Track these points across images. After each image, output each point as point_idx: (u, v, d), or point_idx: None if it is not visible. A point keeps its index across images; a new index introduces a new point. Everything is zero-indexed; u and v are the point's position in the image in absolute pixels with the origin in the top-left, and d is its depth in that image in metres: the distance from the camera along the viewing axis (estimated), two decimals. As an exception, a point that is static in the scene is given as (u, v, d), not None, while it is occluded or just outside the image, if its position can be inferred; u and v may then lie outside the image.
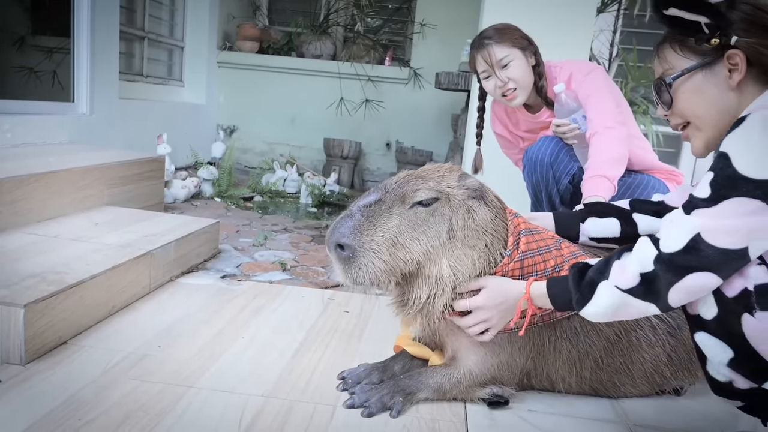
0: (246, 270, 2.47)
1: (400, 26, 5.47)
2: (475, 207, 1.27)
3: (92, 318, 1.67)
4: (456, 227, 1.25)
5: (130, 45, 4.23)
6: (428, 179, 1.27)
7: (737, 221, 0.90)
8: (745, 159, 0.91)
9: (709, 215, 0.93)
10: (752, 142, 0.91)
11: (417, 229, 1.22)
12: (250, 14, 5.48)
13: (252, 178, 4.46)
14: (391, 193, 1.24)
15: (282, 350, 1.56)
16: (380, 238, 1.19)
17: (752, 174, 0.89)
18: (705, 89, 1.07)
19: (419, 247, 1.21)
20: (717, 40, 1.03)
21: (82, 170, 2.46)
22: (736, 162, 0.91)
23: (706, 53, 1.06)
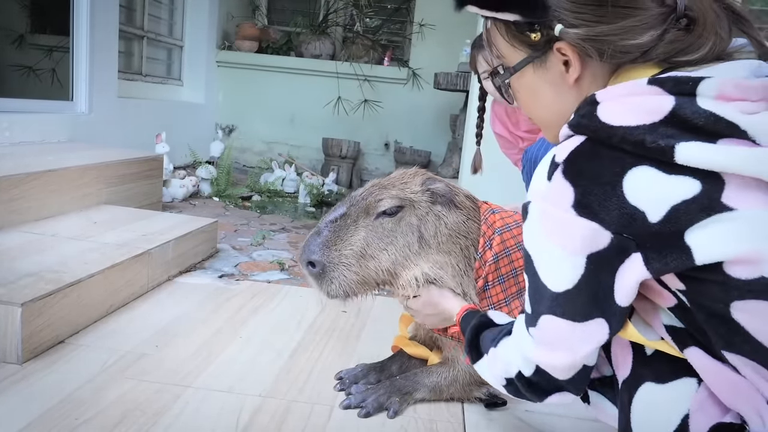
0: (244, 269, 2.47)
1: (398, 26, 5.47)
2: (444, 212, 1.25)
3: (90, 317, 1.67)
4: (427, 235, 1.23)
5: (129, 44, 4.23)
6: (391, 187, 1.25)
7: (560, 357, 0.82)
8: (541, 263, 0.80)
9: (540, 340, 0.84)
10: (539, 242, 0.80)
11: (384, 240, 1.21)
12: (249, 14, 5.48)
13: (250, 177, 4.46)
14: (355, 206, 1.24)
15: (279, 350, 1.56)
16: (348, 251, 1.19)
17: (549, 284, 0.80)
18: (539, 88, 0.89)
19: (388, 256, 1.21)
20: (537, 34, 0.84)
21: (81, 169, 2.46)
22: (537, 265, 0.81)
23: (535, 45, 0.86)
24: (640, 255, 0.73)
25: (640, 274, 0.74)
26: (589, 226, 0.74)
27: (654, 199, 0.71)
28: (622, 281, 0.76)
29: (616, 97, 0.76)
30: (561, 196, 0.76)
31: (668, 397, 0.79)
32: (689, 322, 0.78)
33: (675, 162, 0.69)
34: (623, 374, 0.85)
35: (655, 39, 0.79)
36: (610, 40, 0.79)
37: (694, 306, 0.75)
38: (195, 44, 4.89)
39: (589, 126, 0.76)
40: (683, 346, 0.79)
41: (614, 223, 0.73)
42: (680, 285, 0.74)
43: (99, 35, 3.40)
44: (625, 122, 0.72)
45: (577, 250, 0.76)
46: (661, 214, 0.70)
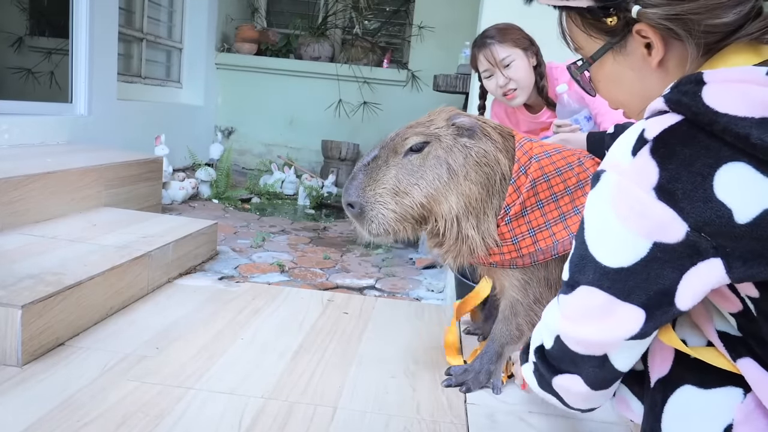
0: (244, 271, 2.46)
1: (398, 29, 5.47)
2: (470, 143, 1.29)
3: (90, 319, 1.66)
4: (455, 165, 1.28)
5: (129, 46, 4.22)
6: (418, 126, 1.32)
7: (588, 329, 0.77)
8: (595, 235, 0.76)
9: (567, 310, 0.80)
10: (602, 215, 0.75)
11: (414, 175, 1.27)
12: (248, 16, 5.47)
13: (250, 179, 4.46)
14: (385, 147, 1.30)
15: (281, 352, 1.55)
16: (382, 190, 1.26)
17: (600, 256, 0.75)
18: (621, 75, 0.85)
19: (420, 191, 1.26)
20: (614, 18, 0.80)
21: (80, 171, 2.45)
22: (588, 236, 0.77)
23: (613, 31, 0.82)
24: (722, 262, 0.68)
25: (719, 280, 0.69)
26: (666, 213, 0.68)
27: (746, 199, 0.65)
28: (690, 284, 0.70)
29: (728, 81, 0.69)
30: (644, 175, 0.70)
31: (710, 404, 0.75)
32: (749, 331, 0.73)
33: None
34: (660, 372, 0.81)
35: (743, 17, 0.74)
36: (693, 18, 0.74)
37: (761, 315, 0.70)
38: (194, 46, 4.88)
39: (691, 106, 0.69)
40: (736, 356, 0.75)
41: (694, 217, 0.67)
42: (754, 292, 0.70)
43: (98, 37, 3.39)
44: (733, 111, 0.66)
45: (644, 234, 0.70)
46: (751, 216, 0.65)
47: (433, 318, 1.87)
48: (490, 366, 1.44)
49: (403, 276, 2.63)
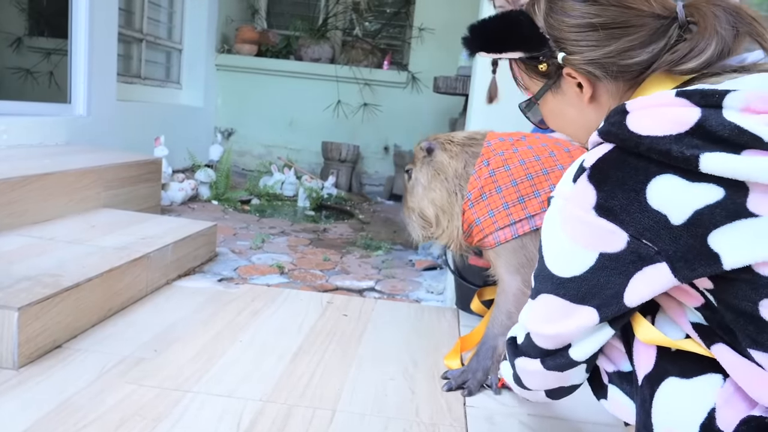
0: (243, 273, 2.45)
1: (398, 30, 5.47)
2: (428, 160, 1.60)
3: (87, 321, 1.65)
4: (423, 180, 1.61)
5: (128, 47, 4.21)
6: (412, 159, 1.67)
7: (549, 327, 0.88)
8: (550, 252, 0.86)
9: (532, 315, 0.91)
10: (553, 234, 0.85)
11: (411, 196, 1.64)
12: (248, 17, 5.47)
13: (249, 181, 4.45)
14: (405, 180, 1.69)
15: (280, 354, 1.54)
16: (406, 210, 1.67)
17: (554, 270, 0.85)
18: (562, 110, 0.97)
19: (415, 204, 1.63)
20: (544, 65, 0.93)
21: (79, 172, 2.44)
22: (545, 253, 0.87)
23: (548, 74, 0.94)
24: (666, 265, 0.75)
25: (668, 282, 0.76)
26: (606, 227, 0.77)
27: (677, 204, 0.73)
28: (636, 286, 0.79)
29: (645, 107, 0.78)
30: (584, 198, 0.80)
31: (693, 392, 0.80)
32: (715, 321, 0.79)
33: (699, 171, 0.71)
34: (646, 369, 0.86)
35: (656, 54, 0.84)
36: (609, 62, 0.86)
37: (721, 305, 0.76)
38: (194, 47, 4.88)
39: (618, 134, 0.78)
40: (710, 343, 0.80)
41: (634, 226, 0.76)
42: (709, 284, 0.76)
43: (98, 38, 3.39)
44: (653, 132, 0.75)
45: (590, 247, 0.80)
46: (684, 218, 0.73)
47: (432, 320, 1.86)
48: (487, 362, 1.48)
49: (402, 278, 2.62)
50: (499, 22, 0.96)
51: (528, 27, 0.93)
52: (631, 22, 0.85)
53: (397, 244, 3.30)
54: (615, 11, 0.86)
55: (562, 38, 0.89)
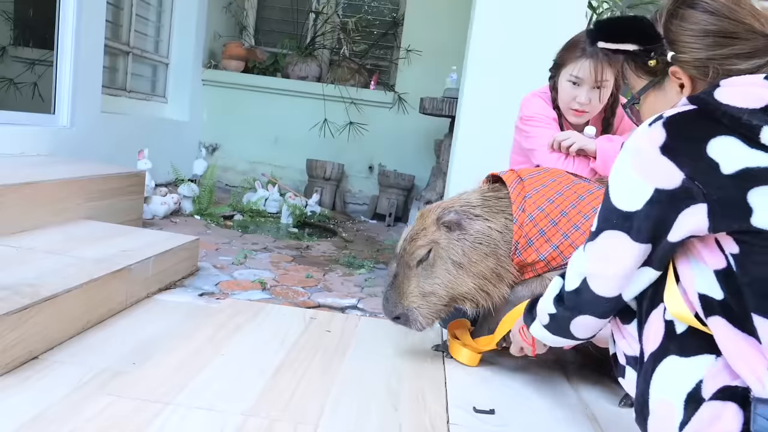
0: (225, 288, 2.43)
1: (385, 51, 5.53)
2: (461, 234, 1.52)
3: (65, 332, 1.62)
4: (457, 258, 1.51)
5: (115, 59, 4.20)
6: (417, 238, 1.56)
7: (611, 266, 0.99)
8: (616, 188, 0.98)
9: (594, 255, 1.02)
10: (621, 170, 0.97)
11: (430, 278, 1.52)
12: (236, 34, 5.50)
13: (233, 196, 4.42)
14: (400, 265, 1.57)
15: (262, 368, 1.52)
16: (413, 298, 1.53)
17: (618, 205, 0.97)
18: (658, 107, 1.08)
19: (440, 287, 1.52)
20: (654, 61, 1.06)
21: (60, 183, 2.42)
22: (611, 191, 0.99)
23: (655, 72, 1.07)
24: (706, 206, 0.87)
25: (701, 224, 0.89)
26: (667, 165, 0.90)
27: (732, 158, 0.86)
28: (681, 222, 0.90)
29: (737, 84, 0.92)
30: (654, 137, 0.92)
31: (689, 367, 0.92)
32: (729, 287, 0.89)
33: (759, 140, 0.84)
34: (652, 347, 0.98)
35: (758, 67, 0.96)
36: (712, 63, 0.99)
37: (741, 270, 0.87)
38: (181, 62, 4.88)
39: (704, 99, 0.92)
40: (708, 314, 0.91)
41: (689, 168, 0.88)
42: (735, 248, 0.88)
43: (84, 49, 3.37)
44: (734, 102, 0.88)
45: (649, 180, 0.92)
46: (734, 170, 0.85)
47: (416, 338, 1.85)
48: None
49: (385, 296, 2.61)
50: (624, 19, 1.11)
51: (648, 27, 1.05)
52: (740, 35, 0.98)
53: (380, 262, 3.30)
54: (728, 23, 0.98)
55: (676, 40, 1.02)
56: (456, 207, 1.55)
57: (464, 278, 1.51)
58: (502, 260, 1.51)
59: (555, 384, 1.61)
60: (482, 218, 1.53)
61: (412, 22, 5.10)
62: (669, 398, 0.91)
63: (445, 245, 1.52)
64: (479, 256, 1.50)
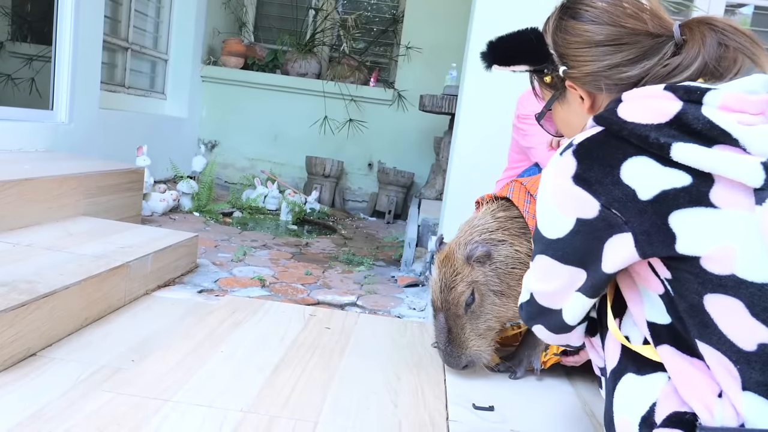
0: (224, 285, 2.42)
1: (384, 48, 5.52)
2: (492, 267, 1.49)
3: (64, 329, 1.61)
4: (498, 288, 1.49)
5: (113, 55, 4.18)
6: (456, 285, 1.50)
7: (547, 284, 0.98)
8: (540, 216, 0.96)
9: (532, 274, 1.02)
10: (542, 200, 0.95)
11: (482, 317, 1.50)
12: (236, 30, 5.48)
13: (232, 193, 4.42)
14: (449, 318, 1.51)
15: (261, 365, 1.52)
16: (472, 343, 1.51)
17: (544, 233, 0.95)
18: (567, 118, 1.08)
19: (494, 322, 1.51)
20: (549, 77, 1.05)
21: (59, 179, 2.41)
22: (538, 217, 0.97)
23: (554, 86, 1.06)
24: (631, 235, 0.83)
25: (630, 253, 0.85)
26: (582, 194, 0.86)
27: (646, 182, 0.82)
28: (610, 252, 0.87)
29: (637, 97, 0.88)
30: (565, 168, 0.89)
31: (644, 387, 0.90)
32: (673, 312, 0.87)
33: (670, 158, 0.80)
34: (612, 364, 0.97)
35: (649, 68, 0.93)
36: (604, 75, 0.96)
37: (676, 295, 0.84)
38: (180, 58, 4.86)
39: (608, 119, 0.88)
40: (658, 343, 0.89)
41: (605, 196, 0.84)
42: (667, 273, 0.84)
43: (82, 45, 3.36)
44: (637, 119, 0.84)
45: (569, 212, 0.89)
46: (651, 194, 0.81)
47: (415, 335, 1.85)
48: (531, 350, 1.60)
49: (384, 293, 2.61)
50: (512, 38, 1.06)
51: (536, 44, 1.03)
52: (624, 40, 0.95)
53: (379, 260, 3.29)
54: (610, 30, 0.95)
55: (565, 54, 1.00)
56: (476, 238, 1.50)
57: (509, 304, 1.50)
58: None
59: (554, 381, 1.61)
60: (507, 243, 1.50)
61: (412, 19, 5.09)
62: (628, 417, 0.90)
63: (483, 281, 1.49)
64: (515, 280, 1.49)
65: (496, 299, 1.49)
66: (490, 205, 1.57)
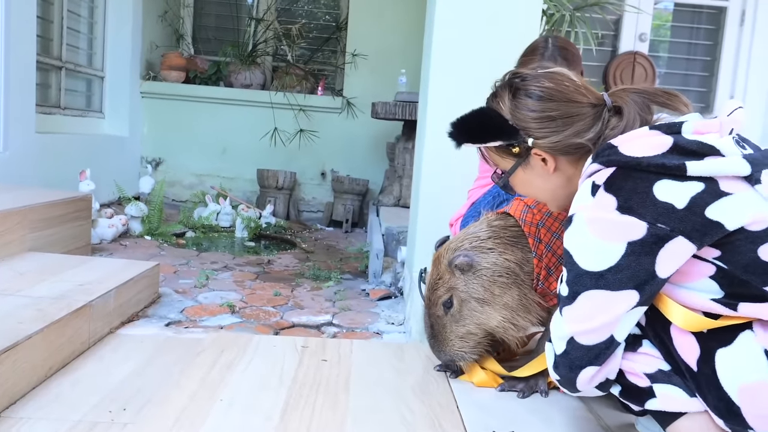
0: (191, 315, 2.30)
1: (329, 55, 5.44)
2: (475, 274, 1.51)
3: (27, 383, 1.47)
4: (479, 295, 1.51)
5: (46, 75, 3.93)
6: (437, 288, 1.57)
7: (596, 320, 1.04)
8: (582, 256, 1.06)
9: (574, 317, 1.07)
10: (583, 240, 1.06)
11: (461, 321, 1.54)
12: (173, 43, 5.27)
13: (183, 212, 4.23)
14: (431, 315, 1.59)
15: (268, 412, 1.40)
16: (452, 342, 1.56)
17: (590, 267, 1.05)
18: (530, 180, 1.25)
19: (473, 326, 1.53)
20: (516, 149, 1.20)
21: (1, 215, 2.22)
22: (577, 259, 1.06)
23: (519, 154, 1.21)
24: (683, 237, 1.00)
25: (687, 249, 1.01)
26: (629, 221, 1.01)
27: (677, 195, 1.00)
28: (665, 258, 1.01)
29: (630, 140, 1.07)
30: (607, 203, 1.04)
31: (741, 351, 1.02)
32: (728, 281, 1.02)
33: (687, 174, 1.00)
34: (694, 356, 1.05)
35: (599, 131, 1.15)
36: (565, 143, 1.16)
37: (731, 265, 1.01)
38: (117, 75, 4.63)
39: (618, 160, 1.05)
40: (735, 306, 1.02)
41: (650, 215, 1.00)
42: (716, 252, 1.02)
43: (14, 67, 3.13)
44: (646, 153, 1.03)
45: (619, 239, 1.02)
46: (685, 203, 1.00)
47: (414, 359, 1.77)
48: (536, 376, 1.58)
49: (359, 309, 2.55)
50: (477, 118, 1.23)
51: (501, 121, 1.19)
52: (575, 111, 1.16)
53: (345, 273, 3.23)
54: (564, 105, 1.16)
55: (529, 127, 1.18)
56: (466, 245, 1.53)
57: (491, 313, 1.50)
58: (525, 291, 1.50)
59: (565, 399, 1.57)
60: (495, 251, 1.51)
61: (356, 27, 5.03)
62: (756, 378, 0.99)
63: (463, 288, 1.52)
64: (501, 289, 1.50)
65: (477, 306, 1.51)
66: (490, 214, 1.60)
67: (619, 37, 4.87)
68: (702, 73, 5.00)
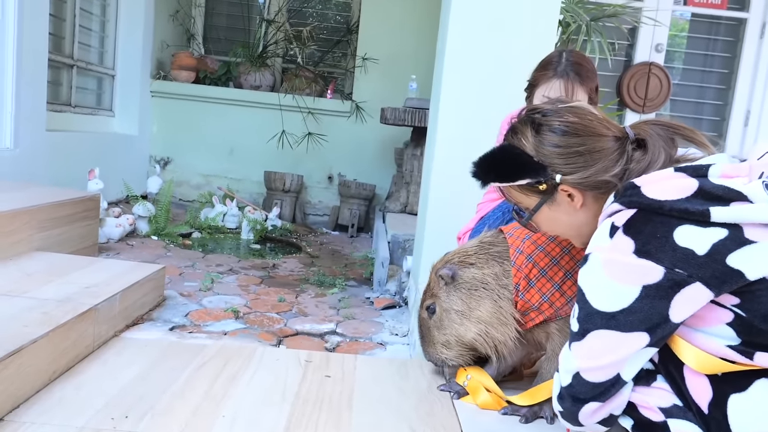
0: (196, 319, 2.30)
1: (339, 58, 5.44)
2: (456, 286, 1.57)
3: (31, 388, 1.47)
4: (457, 306, 1.56)
5: (58, 73, 3.95)
6: (426, 294, 1.65)
7: (603, 358, 1.04)
8: (595, 295, 1.05)
9: (582, 353, 1.07)
10: (597, 281, 1.05)
11: (442, 330, 1.60)
12: (184, 42, 5.29)
13: (190, 213, 4.24)
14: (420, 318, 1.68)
15: (270, 429, 1.39)
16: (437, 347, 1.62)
17: (602, 308, 1.04)
18: (556, 218, 1.23)
19: (452, 337, 1.59)
20: (544, 185, 1.18)
21: (10, 214, 2.23)
22: (589, 298, 1.05)
23: (545, 192, 1.19)
24: (699, 283, 0.97)
25: (704, 296, 0.98)
26: (646, 265, 1.00)
27: (699, 241, 0.98)
28: (680, 303, 0.99)
29: (654, 181, 1.04)
30: (624, 246, 1.02)
31: (755, 398, 0.99)
32: (746, 329, 0.99)
33: (711, 221, 0.97)
34: (707, 397, 1.03)
35: (624, 167, 1.12)
36: (593, 179, 1.14)
37: (750, 313, 0.98)
38: (128, 73, 4.65)
39: (640, 202, 1.03)
40: (750, 355, 0.99)
41: (668, 260, 0.98)
42: (735, 300, 0.99)
43: (26, 65, 3.15)
44: (669, 197, 1.01)
45: (634, 282, 1.01)
46: (706, 249, 0.97)
47: (417, 377, 1.76)
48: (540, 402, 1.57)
49: (363, 318, 2.54)
50: (502, 156, 1.21)
51: (526, 158, 1.17)
52: (601, 146, 1.14)
53: (350, 279, 3.22)
54: (590, 140, 1.14)
55: (555, 163, 1.15)
56: (454, 259, 1.60)
57: (468, 325, 1.54)
58: (501, 304, 1.52)
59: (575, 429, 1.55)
60: (476, 266, 1.57)
61: (368, 30, 5.03)
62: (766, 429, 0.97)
63: (444, 298, 1.59)
64: (476, 302, 1.54)
65: (456, 318, 1.56)
66: (488, 231, 1.65)
67: (634, 47, 4.84)
68: (718, 85, 4.94)
